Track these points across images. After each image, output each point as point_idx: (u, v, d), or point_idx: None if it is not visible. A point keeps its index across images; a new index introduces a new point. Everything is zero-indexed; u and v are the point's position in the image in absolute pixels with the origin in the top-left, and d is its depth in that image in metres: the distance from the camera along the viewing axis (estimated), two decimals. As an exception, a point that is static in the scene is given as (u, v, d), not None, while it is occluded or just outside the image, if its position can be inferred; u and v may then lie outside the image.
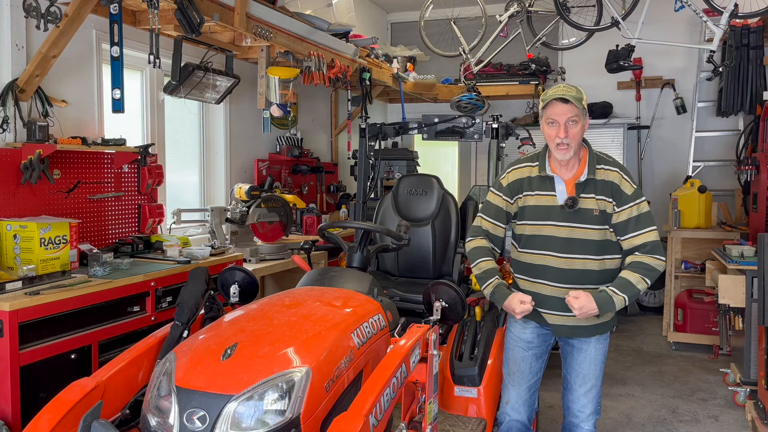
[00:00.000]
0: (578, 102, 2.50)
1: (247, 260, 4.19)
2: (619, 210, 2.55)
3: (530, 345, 2.77)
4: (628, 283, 2.52)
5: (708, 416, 4.25)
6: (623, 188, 2.57)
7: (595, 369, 2.71)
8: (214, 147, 5.24)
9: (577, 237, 2.57)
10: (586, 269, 2.59)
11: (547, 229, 2.62)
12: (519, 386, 2.78)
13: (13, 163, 3.28)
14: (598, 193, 2.57)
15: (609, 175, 2.59)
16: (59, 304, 2.80)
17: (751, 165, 4.98)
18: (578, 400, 2.74)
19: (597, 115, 7.27)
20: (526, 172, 2.70)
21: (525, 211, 2.69)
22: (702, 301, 5.62)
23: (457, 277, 3.71)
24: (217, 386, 1.82)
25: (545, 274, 2.64)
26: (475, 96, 6.01)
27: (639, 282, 2.51)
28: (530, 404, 2.80)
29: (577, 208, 2.56)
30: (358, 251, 2.82)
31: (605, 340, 2.73)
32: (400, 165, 6.65)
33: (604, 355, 2.73)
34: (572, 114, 2.50)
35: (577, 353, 2.73)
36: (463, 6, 6.97)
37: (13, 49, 3.32)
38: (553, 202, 2.62)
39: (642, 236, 2.54)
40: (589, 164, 2.59)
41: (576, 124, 2.52)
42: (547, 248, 2.62)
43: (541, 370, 2.82)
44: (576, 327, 2.66)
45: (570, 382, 2.77)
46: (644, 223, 2.55)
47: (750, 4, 5.28)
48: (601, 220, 2.56)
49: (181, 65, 3.90)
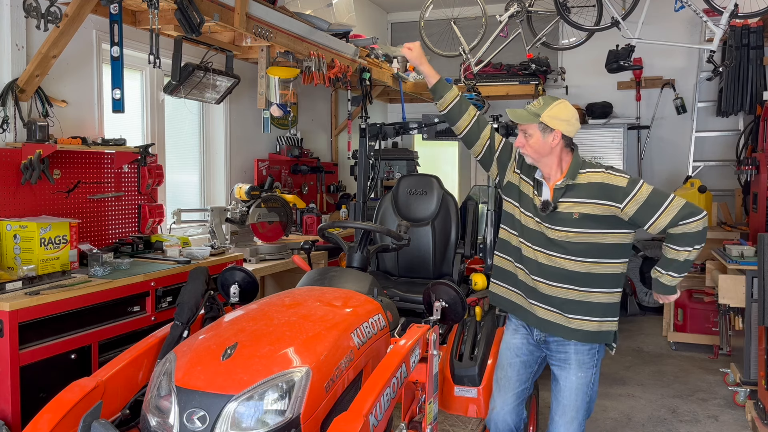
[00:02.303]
0: (535, 117, 2.53)
1: (247, 260, 4.19)
2: (624, 205, 2.49)
3: (519, 352, 2.75)
4: (667, 260, 2.53)
5: (708, 416, 4.25)
6: (614, 183, 2.51)
7: (576, 399, 2.63)
8: (214, 147, 5.24)
9: (555, 238, 2.56)
10: (566, 270, 2.55)
11: (530, 221, 2.64)
12: (505, 393, 2.75)
13: (13, 163, 3.28)
14: (582, 197, 2.54)
15: (593, 176, 2.55)
16: (59, 304, 2.80)
17: (751, 165, 4.98)
18: (557, 430, 2.68)
19: (597, 115, 7.27)
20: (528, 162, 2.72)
21: (514, 190, 2.73)
22: (702, 301, 5.62)
23: (457, 277, 3.70)
24: (217, 386, 1.82)
25: (528, 264, 2.63)
26: (475, 96, 6.02)
27: (678, 254, 2.49)
28: (518, 413, 2.76)
29: (553, 211, 2.56)
30: (358, 251, 2.82)
31: (588, 369, 2.64)
32: (400, 165, 6.65)
33: (588, 386, 2.64)
34: (525, 128, 2.58)
35: (557, 381, 2.69)
36: (463, 6, 6.97)
37: (13, 49, 3.32)
38: (536, 202, 2.63)
39: (663, 216, 2.45)
40: (570, 170, 2.58)
41: (531, 137, 2.56)
42: (530, 240, 2.63)
43: (529, 380, 2.78)
44: (550, 323, 2.61)
45: (552, 411, 2.72)
46: (657, 203, 2.45)
47: (750, 4, 5.28)
48: (582, 224, 2.52)
49: (181, 65, 3.91)
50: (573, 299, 2.57)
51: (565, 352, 2.64)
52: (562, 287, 2.57)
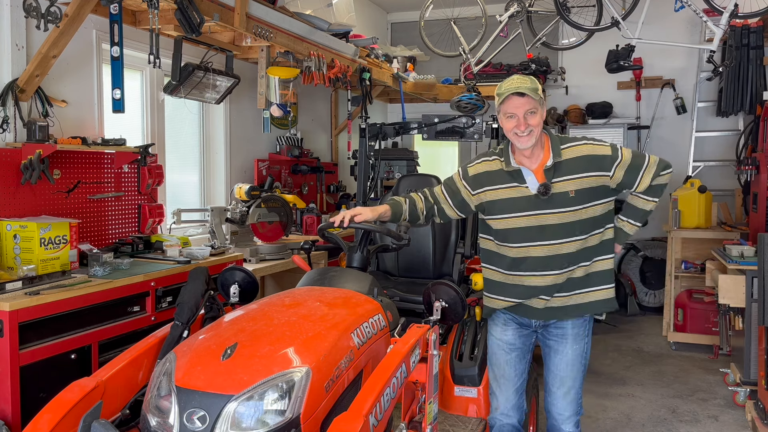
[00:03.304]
0: (534, 93, 2.48)
1: (247, 260, 4.19)
2: (613, 172, 2.55)
3: (512, 347, 2.75)
4: (634, 209, 2.68)
5: (708, 416, 4.26)
6: (600, 153, 2.55)
7: (573, 371, 2.67)
8: (214, 147, 5.24)
9: (554, 222, 2.55)
10: (568, 252, 2.57)
11: (522, 221, 2.59)
12: (506, 390, 2.76)
13: (13, 163, 3.28)
14: (574, 173, 2.54)
15: (578, 150, 2.56)
16: (59, 304, 2.80)
17: (751, 165, 4.98)
18: (557, 403, 2.71)
19: (597, 115, 7.27)
20: (494, 166, 2.67)
21: (495, 205, 2.64)
22: (702, 301, 5.62)
23: (457, 277, 3.70)
24: (217, 386, 1.82)
25: (530, 265, 2.61)
26: (475, 96, 6.01)
27: (647, 204, 2.65)
28: (519, 406, 2.78)
29: (551, 193, 2.54)
30: (358, 251, 2.82)
31: (582, 340, 2.69)
32: (400, 165, 6.66)
33: (582, 356, 2.69)
34: (530, 106, 2.49)
35: (554, 355, 2.71)
36: (463, 6, 6.97)
37: (13, 49, 3.32)
38: (524, 193, 2.59)
39: (646, 174, 2.58)
40: (552, 149, 2.56)
41: (534, 114, 2.50)
42: (526, 239, 2.60)
43: (526, 370, 2.79)
44: (561, 308, 2.63)
45: (548, 384, 2.74)
46: (639, 164, 2.58)
47: (750, 4, 5.28)
48: (579, 200, 2.54)
49: (181, 65, 3.91)
50: (576, 277, 2.61)
51: (562, 328, 2.69)
52: (563, 272, 2.59)
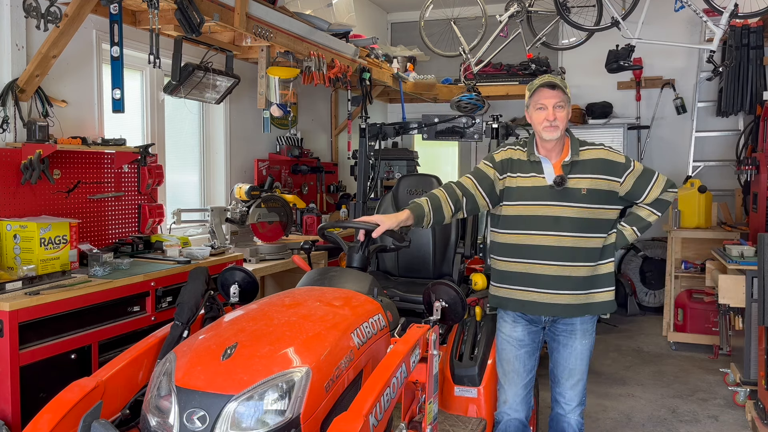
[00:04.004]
0: (564, 87, 2.68)
1: (247, 260, 4.19)
2: (623, 180, 2.71)
3: (522, 343, 2.81)
4: (638, 218, 2.81)
5: (708, 416, 4.25)
6: (615, 160, 2.71)
7: (581, 363, 2.79)
8: (214, 147, 5.24)
9: (566, 215, 2.66)
10: (575, 247, 2.66)
11: (536, 209, 2.69)
12: (515, 385, 2.82)
13: (13, 163, 3.28)
14: (588, 173, 2.68)
15: (595, 153, 2.72)
16: (59, 304, 2.80)
17: (751, 165, 4.97)
18: (565, 393, 2.81)
19: (597, 115, 7.26)
20: (517, 154, 2.79)
21: (513, 192, 2.75)
22: (702, 301, 5.62)
23: (457, 277, 3.71)
24: (217, 386, 1.82)
25: (536, 253, 2.69)
26: (475, 96, 6.01)
27: (650, 216, 2.81)
28: (527, 402, 2.85)
29: (565, 186, 2.65)
30: (358, 251, 2.81)
31: (590, 335, 2.80)
32: (400, 165, 6.66)
33: (590, 350, 2.82)
34: (559, 99, 2.66)
35: (563, 349, 2.81)
36: (463, 6, 6.97)
37: (13, 49, 3.32)
38: (541, 183, 2.70)
39: (654, 188, 2.75)
40: (572, 148, 2.72)
41: (563, 109, 2.66)
42: (536, 228, 2.69)
43: (534, 367, 2.86)
44: (567, 306, 2.70)
45: (557, 375, 2.84)
46: (648, 177, 2.76)
47: (750, 4, 5.28)
48: (589, 199, 2.66)
49: (181, 65, 3.91)
50: (581, 276, 2.69)
51: (571, 324, 2.77)
52: (569, 265, 2.66)
